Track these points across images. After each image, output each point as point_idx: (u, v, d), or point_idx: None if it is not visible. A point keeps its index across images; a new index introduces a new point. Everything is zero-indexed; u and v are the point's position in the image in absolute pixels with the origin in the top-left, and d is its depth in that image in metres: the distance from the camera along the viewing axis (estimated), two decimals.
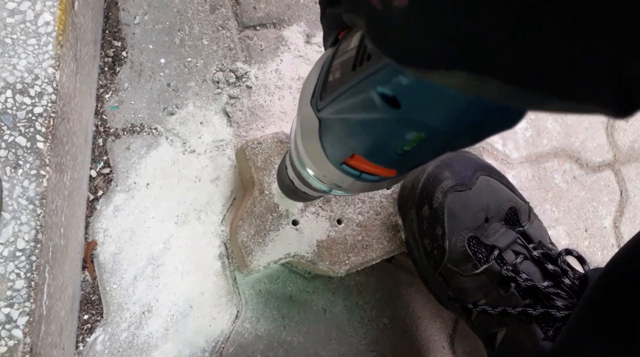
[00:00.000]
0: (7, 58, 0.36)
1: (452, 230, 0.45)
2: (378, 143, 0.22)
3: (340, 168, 0.26)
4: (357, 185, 0.27)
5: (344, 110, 0.22)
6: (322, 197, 0.47)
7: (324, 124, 0.25)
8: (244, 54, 0.54)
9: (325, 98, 0.24)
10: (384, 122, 0.20)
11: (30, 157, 0.35)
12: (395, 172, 0.25)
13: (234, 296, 0.49)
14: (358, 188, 0.27)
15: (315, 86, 0.25)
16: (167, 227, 0.48)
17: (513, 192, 0.49)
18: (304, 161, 0.29)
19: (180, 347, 0.46)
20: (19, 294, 0.34)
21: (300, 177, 0.33)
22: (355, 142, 0.23)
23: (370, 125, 0.21)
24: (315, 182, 0.30)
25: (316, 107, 0.25)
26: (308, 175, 0.31)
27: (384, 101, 0.19)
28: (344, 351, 0.52)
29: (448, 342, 0.56)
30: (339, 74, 0.23)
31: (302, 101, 0.27)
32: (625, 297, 0.30)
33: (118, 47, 0.50)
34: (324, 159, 0.26)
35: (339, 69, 0.23)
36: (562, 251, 0.44)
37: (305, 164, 0.29)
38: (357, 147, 0.24)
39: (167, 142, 0.49)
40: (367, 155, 0.24)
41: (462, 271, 0.44)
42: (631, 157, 0.72)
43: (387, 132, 0.21)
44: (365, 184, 0.27)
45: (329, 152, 0.26)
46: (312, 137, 0.26)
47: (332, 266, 0.47)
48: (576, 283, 0.42)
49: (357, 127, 0.22)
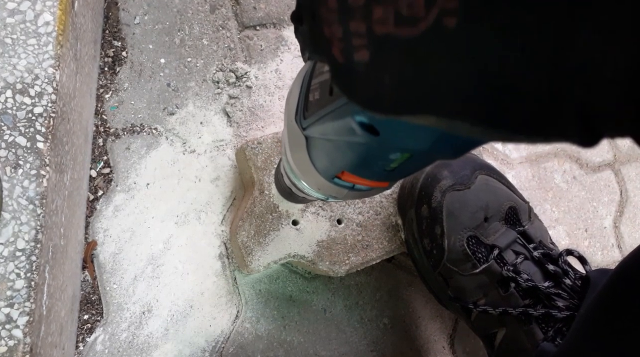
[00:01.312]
0: (7, 58, 0.36)
1: (451, 229, 0.45)
2: (364, 163, 0.23)
3: (332, 182, 0.26)
4: (353, 194, 0.27)
5: (328, 133, 0.22)
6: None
7: (311, 142, 0.25)
8: (244, 54, 0.54)
9: (308, 117, 0.24)
10: (367, 145, 0.21)
11: (30, 157, 0.35)
12: (387, 184, 0.26)
13: (234, 296, 0.49)
14: (354, 196, 0.28)
15: (298, 102, 0.25)
16: (167, 227, 0.48)
17: (512, 192, 0.49)
18: (296, 174, 0.29)
19: (181, 347, 0.46)
20: (19, 294, 0.34)
21: (295, 186, 0.33)
22: (342, 161, 0.23)
23: (354, 147, 0.22)
24: (312, 191, 0.30)
25: (301, 125, 0.25)
26: (303, 186, 0.31)
27: (362, 129, 0.19)
28: (344, 351, 0.52)
29: (448, 342, 0.56)
30: (319, 94, 0.23)
31: (287, 116, 0.27)
32: (635, 304, 0.30)
33: (118, 47, 0.50)
34: (316, 173, 0.26)
35: (318, 89, 0.23)
36: (563, 251, 0.44)
37: (298, 176, 0.29)
38: (344, 166, 0.24)
39: (167, 142, 0.49)
40: (356, 172, 0.24)
41: (461, 271, 0.44)
42: (631, 157, 0.72)
43: (371, 154, 0.21)
44: (360, 193, 0.27)
45: (319, 168, 0.26)
46: (301, 153, 0.26)
47: (332, 266, 0.47)
48: (577, 284, 0.42)
49: (342, 148, 0.22)
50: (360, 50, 0.15)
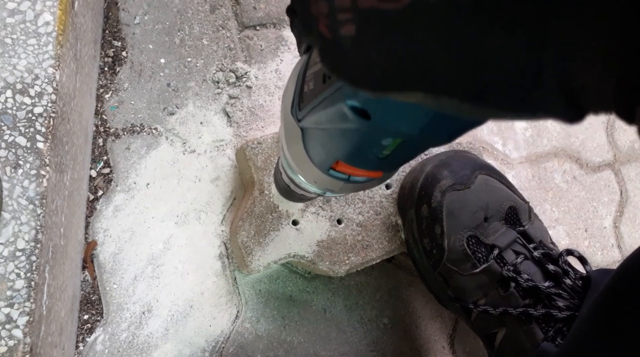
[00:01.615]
0: (7, 58, 0.36)
1: (451, 229, 0.45)
2: (357, 150, 0.23)
3: (327, 173, 0.26)
4: (348, 187, 0.27)
5: (321, 122, 0.22)
6: (322, 197, 0.47)
7: (306, 133, 0.26)
8: (244, 54, 0.54)
9: (303, 108, 0.24)
10: (359, 131, 0.21)
11: (30, 157, 0.35)
12: (381, 173, 0.26)
13: (234, 296, 0.49)
14: (350, 189, 0.28)
15: (294, 95, 0.26)
16: (167, 227, 0.48)
17: (512, 192, 0.49)
18: (293, 168, 0.30)
19: (181, 347, 0.46)
20: (19, 294, 0.34)
21: (293, 182, 0.33)
22: (337, 151, 0.24)
23: (346, 134, 0.22)
24: (308, 186, 0.30)
25: (296, 117, 0.25)
26: (300, 181, 0.31)
27: (354, 113, 0.20)
28: (344, 351, 0.52)
29: (448, 342, 0.56)
30: (313, 84, 0.23)
31: (284, 110, 0.27)
32: (636, 305, 0.29)
33: (118, 47, 0.50)
34: (312, 166, 0.27)
35: (312, 79, 0.23)
36: (563, 251, 0.44)
37: (295, 170, 0.30)
38: (339, 155, 0.24)
39: (167, 142, 0.49)
40: (350, 161, 0.24)
41: (461, 270, 0.44)
42: (631, 157, 0.72)
43: (363, 141, 0.22)
44: (355, 185, 0.27)
45: (315, 160, 0.26)
46: (297, 146, 0.27)
47: (332, 266, 0.47)
48: (578, 284, 0.42)
49: (336, 136, 0.22)
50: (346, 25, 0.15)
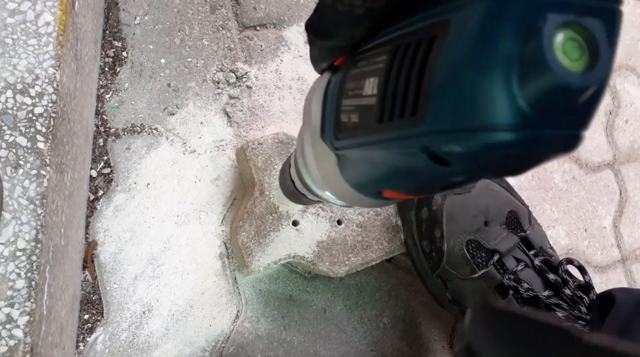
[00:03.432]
0: (8, 58, 0.36)
1: (451, 233, 0.45)
2: (420, 186, 0.21)
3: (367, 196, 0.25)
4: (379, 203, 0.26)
5: (375, 159, 0.20)
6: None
7: (345, 161, 0.24)
8: (244, 54, 0.54)
9: (342, 139, 0.22)
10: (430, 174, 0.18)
11: (31, 157, 0.35)
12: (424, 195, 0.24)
13: (234, 295, 0.49)
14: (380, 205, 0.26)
15: (323, 121, 0.24)
16: (168, 227, 0.48)
17: (512, 195, 0.49)
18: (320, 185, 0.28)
19: (181, 346, 0.46)
20: (19, 294, 0.34)
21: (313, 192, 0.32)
22: (390, 183, 0.22)
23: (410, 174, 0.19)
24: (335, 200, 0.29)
25: (333, 145, 0.23)
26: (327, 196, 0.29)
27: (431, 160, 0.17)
28: (344, 351, 0.52)
29: (448, 342, 0.56)
30: (357, 119, 0.20)
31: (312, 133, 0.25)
32: None
33: (118, 48, 0.50)
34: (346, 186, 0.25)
35: (357, 113, 0.20)
36: (563, 260, 0.44)
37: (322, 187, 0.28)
38: (392, 187, 0.22)
39: (168, 142, 0.49)
40: (405, 192, 0.22)
41: (460, 274, 0.44)
42: (631, 157, 0.72)
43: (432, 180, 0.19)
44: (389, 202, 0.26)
45: (354, 185, 0.24)
46: (330, 168, 0.25)
47: (332, 267, 0.47)
48: (577, 294, 0.41)
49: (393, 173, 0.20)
50: None
